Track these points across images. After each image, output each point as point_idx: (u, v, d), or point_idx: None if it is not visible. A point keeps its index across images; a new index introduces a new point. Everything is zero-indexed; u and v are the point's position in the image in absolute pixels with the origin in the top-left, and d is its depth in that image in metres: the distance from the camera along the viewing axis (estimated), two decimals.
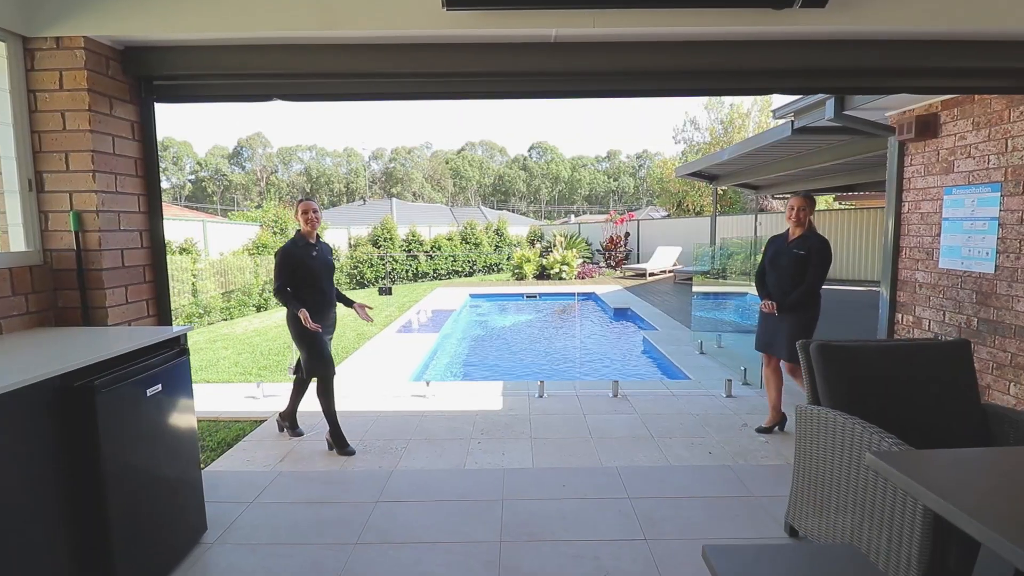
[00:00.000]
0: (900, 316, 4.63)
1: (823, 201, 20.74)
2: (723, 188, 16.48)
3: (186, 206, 52.09)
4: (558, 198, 75.32)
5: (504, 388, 5.15)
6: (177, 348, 2.46)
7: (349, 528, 2.65)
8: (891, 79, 2.89)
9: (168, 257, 8.86)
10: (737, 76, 2.77)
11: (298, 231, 3.67)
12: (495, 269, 19.34)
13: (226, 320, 9.99)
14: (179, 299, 9.01)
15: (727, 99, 29.99)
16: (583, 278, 16.34)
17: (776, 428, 4.00)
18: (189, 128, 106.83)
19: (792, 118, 5.25)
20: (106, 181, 2.74)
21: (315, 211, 3.63)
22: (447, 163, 73.46)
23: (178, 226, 10.29)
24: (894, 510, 1.86)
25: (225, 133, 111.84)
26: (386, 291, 6.44)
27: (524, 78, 2.81)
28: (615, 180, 76.90)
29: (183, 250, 9.39)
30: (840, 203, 18.11)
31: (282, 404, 4.76)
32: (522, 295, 13.43)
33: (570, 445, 3.77)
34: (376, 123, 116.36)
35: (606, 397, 4.83)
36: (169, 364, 2.34)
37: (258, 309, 11.10)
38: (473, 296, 13.11)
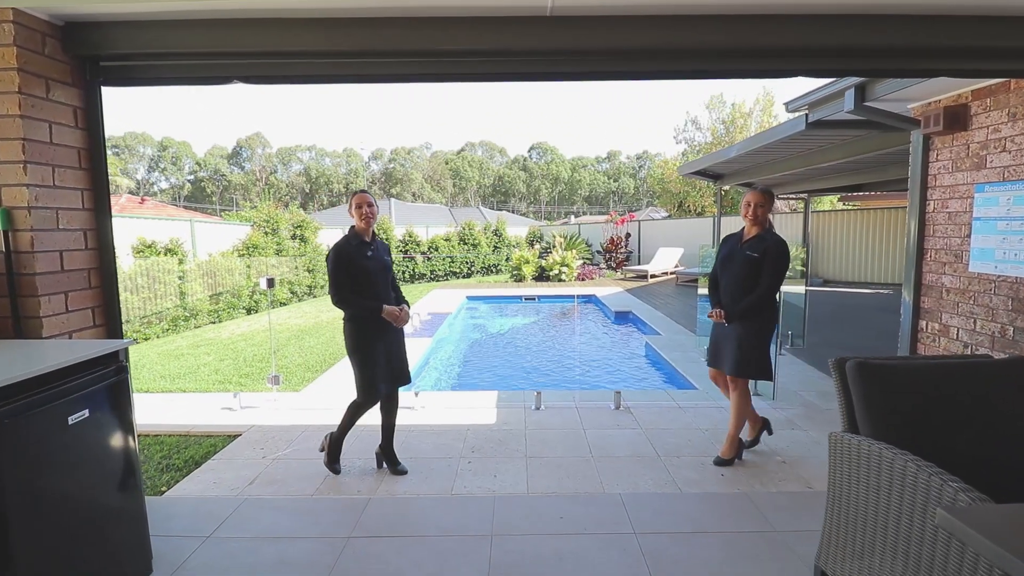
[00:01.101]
0: (924, 323, 4.30)
1: (827, 202, 20.41)
2: (726, 188, 16.15)
3: (185, 206, 51.83)
4: (558, 199, 75.04)
5: (498, 399, 4.82)
6: (114, 365, 2.13)
7: (314, 572, 2.32)
8: (928, 60, 2.56)
9: (153, 258, 8.56)
10: (758, 56, 2.45)
11: (352, 228, 3.20)
12: (494, 270, 19.00)
13: (214, 323, 9.66)
14: (163, 302, 8.68)
15: (729, 99, 29.70)
16: (583, 280, 16.01)
17: (764, 433, 3.69)
18: (188, 128, 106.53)
19: (806, 111, 4.91)
20: (41, 174, 2.41)
21: (370, 205, 3.15)
22: (447, 163, 73.16)
23: (164, 226, 9.95)
24: (961, 571, 1.53)
25: (224, 133, 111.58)
26: None
27: (517, 58, 2.48)
28: (615, 181, 76.62)
29: (169, 251, 9.05)
30: (845, 203, 17.77)
31: (260, 416, 4.44)
32: (520, 297, 13.09)
33: (568, 465, 3.44)
34: (375, 123, 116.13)
35: (608, 409, 4.50)
36: (100, 386, 2.01)
37: (248, 312, 10.77)
38: (470, 298, 12.78)
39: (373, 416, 4.32)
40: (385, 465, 3.43)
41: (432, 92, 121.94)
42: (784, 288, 5.73)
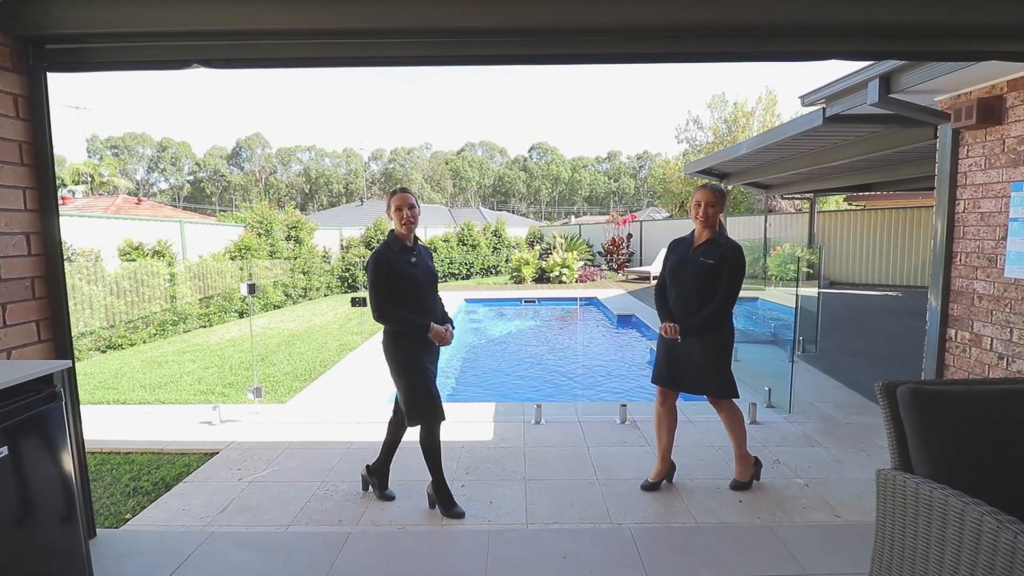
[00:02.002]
0: (954, 332, 4.00)
1: (833, 202, 20.12)
2: (729, 187, 15.87)
3: (184, 207, 51.60)
4: (558, 199, 74.81)
5: (496, 412, 4.52)
6: (46, 391, 1.83)
7: None
8: (979, 41, 2.26)
9: (139, 260, 8.27)
10: (789, 35, 2.15)
11: (391, 232, 2.83)
12: (493, 272, 18.71)
13: (204, 327, 9.37)
14: (150, 306, 8.39)
15: (731, 97, 29.36)
16: (584, 281, 15.70)
17: (663, 480, 3.20)
18: (187, 128, 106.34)
19: (823, 105, 4.61)
20: None
21: (412, 207, 2.75)
22: (447, 164, 72.94)
23: (153, 227, 9.65)
24: None
25: (223, 133, 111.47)
26: (359, 302, 5.80)
27: (519, 38, 2.19)
28: (615, 181, 76.43)
29: (156, 253, 8.75)
30: (850, 203, 17.47)
31: (241, 431, 4.15)
32: (520, 300, 12.79)
33: (571, 490, 3.15)
34: (375, 123, 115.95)
35: (612, 423, 4.21)
36: (23, 418, 1.71)
37: (240, 315, 10.48)
38: (468, 301, 12.47)
39: (365, 432, 4.03)
40: (371, 489, 3.13)
41: (432, 91, 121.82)
42: (802, 292, 5.45)
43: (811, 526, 2.71)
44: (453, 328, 2.95)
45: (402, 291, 2.72)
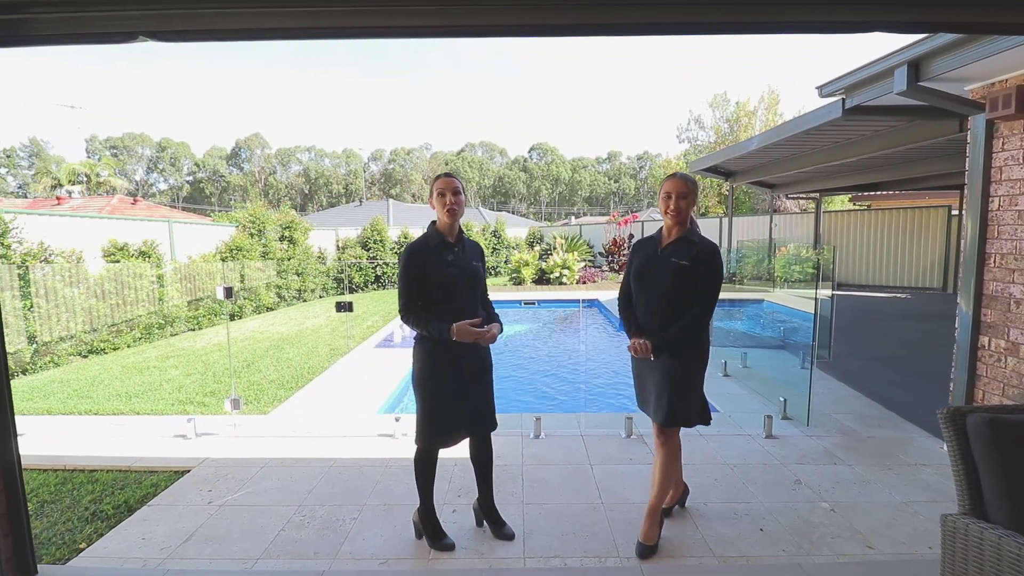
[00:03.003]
0: (987, 340, 3.70)
1: (838, 201, 19.83)
2: (731, 186, 15.58)
3: (183, 208, 51.36)
4: (558, 199, 74.57)
5: None
6: None
7: None
8: None
9: (124, 261, 7.97)
10: (820, 1, 1.86)
11: (433, 224, 2.49)
12: (492, 273, 18.42)
13: (192, 331, 9.07)
14: (134, 309, 8.08)
15: (732, 97, 29.10)
16: (584, 283, 15.40)
17: (676, 506, 2.91)
18: (187, 128, 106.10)
19: (842, 95, 4.32)
20: None
21: (457, 193, 2.40)
22: (447, 164, 72.64)
23: (140, 227, 9.34)
24: None
25: (223, 133, 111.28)
26: (345, 307, 5.52)
27: (538, 6, 1.88)
28: (616, 181, 76.21)
29: (142, 254, 8.44)
30: (856, 203, 17.18)
31: (217, 446, 3.85)
32: (519, 302, 12.49)
33: (574, 516, 2.85)
34: (375, 124, 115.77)
35: (617, 438, 3.91)
36: None
37: (232, 318, 10.19)
38: None
39: (350, 448, 3.70)
40: (487, 525, 2.71)
41: (432, 91, 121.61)
42: (821, 295, 5.16)
43: (843, 562, 2.41)
44: (501, 328, 2.51)
45: (430, 292, 2.37)
